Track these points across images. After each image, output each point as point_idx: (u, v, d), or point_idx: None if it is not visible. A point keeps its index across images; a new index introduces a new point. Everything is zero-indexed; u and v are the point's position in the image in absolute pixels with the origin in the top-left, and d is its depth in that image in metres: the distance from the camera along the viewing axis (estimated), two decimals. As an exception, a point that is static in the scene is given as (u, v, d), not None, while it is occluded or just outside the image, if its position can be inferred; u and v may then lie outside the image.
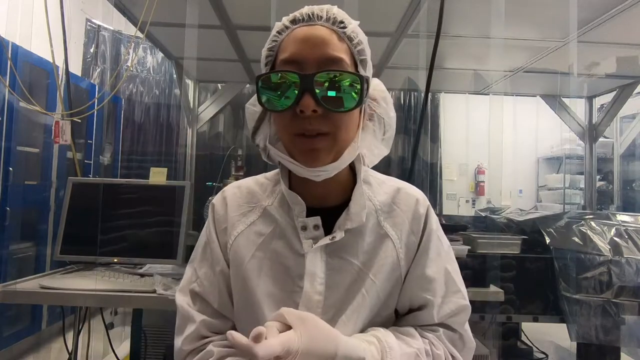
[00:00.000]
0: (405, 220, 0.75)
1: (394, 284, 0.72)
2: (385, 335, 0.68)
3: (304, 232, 0.70)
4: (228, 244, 0.74)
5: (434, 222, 0.77)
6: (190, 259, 0.79)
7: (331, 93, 0.64)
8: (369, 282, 0.70)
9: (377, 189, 0.77)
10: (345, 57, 0.67)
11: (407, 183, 0.80)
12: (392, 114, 0.76)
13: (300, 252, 0.70)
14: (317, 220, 0.70)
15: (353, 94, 0.65)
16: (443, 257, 0.76)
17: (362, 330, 0.70)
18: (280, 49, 0.69)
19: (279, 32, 0.70)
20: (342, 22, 0.69)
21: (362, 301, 0.70)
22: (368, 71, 0.71)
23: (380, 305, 0.72)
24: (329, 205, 0.73)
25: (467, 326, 0.76)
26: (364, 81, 0.66)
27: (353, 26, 0.70)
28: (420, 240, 0.75)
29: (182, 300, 0.75)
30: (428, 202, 0.78)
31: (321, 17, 0.68)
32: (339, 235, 0.69)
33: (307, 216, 0.71)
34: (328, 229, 0.71)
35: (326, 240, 0.69)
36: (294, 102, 0.64)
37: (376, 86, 0.75)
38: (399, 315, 0.76)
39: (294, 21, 0.69)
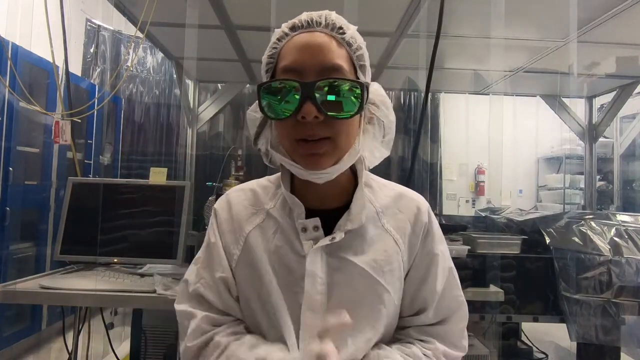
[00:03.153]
0: (407, 223, 0.77)
1: (400, 287, 0.76)
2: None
3: (304, 234, 0.72)
4: (238, 244, 0.75)
5: (435, 223, 0.80)
6: (194, 260, 0.79)
7: (331, 99, 0.66)
8: (382, 291, 0.72)
9: (378, 192, 0.79)
10: (345, 64, 0.68)
11: (407, 188, 0.83)
12: (392, 117, 0.77)
13: (301, 253, 0.71)
14: (316, 221, 0.72)
15: (353, 100, 0.67)
16: (447, 258, 0.80)
17: (383, 339, 0.75)
18: (280, 56, 0.71)
19: (278, 39, 0.72)
20: (340, 27, 0.70)
21: (378, 314, 0.72)
22: (367, 76, 0.73)
23: (396, 312, 0.76)
24: (330, 208, 0.74)
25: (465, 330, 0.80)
26: (363, 88, 0.68)
27: (352, 32, 0.71)
28: (421, 240, 0.77)
29: (181, 306, 0.75)
30: (428, 205, 0.81)
31: (320, 24, 0.70)
32: (338, 236, 0.71)
33: (308, 218, 0.72)
34: (330, 231, 0.72)
35: (326, 240, 0.71)
36: (296, 109, 0.65)
37: (375, 91, 0.76)
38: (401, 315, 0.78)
39: (293, 28, 0.71)
